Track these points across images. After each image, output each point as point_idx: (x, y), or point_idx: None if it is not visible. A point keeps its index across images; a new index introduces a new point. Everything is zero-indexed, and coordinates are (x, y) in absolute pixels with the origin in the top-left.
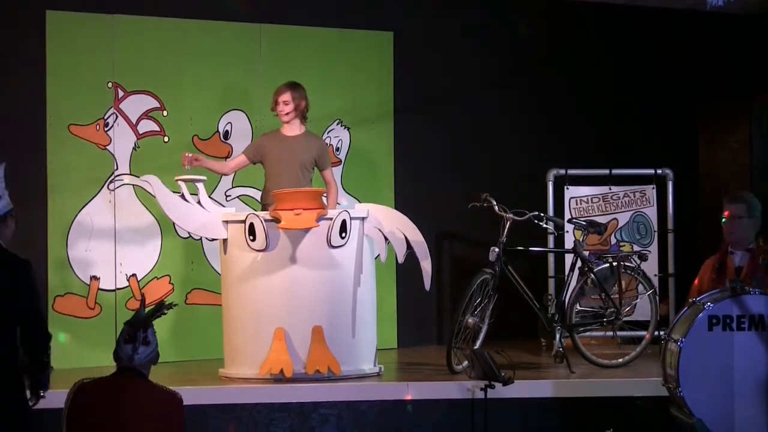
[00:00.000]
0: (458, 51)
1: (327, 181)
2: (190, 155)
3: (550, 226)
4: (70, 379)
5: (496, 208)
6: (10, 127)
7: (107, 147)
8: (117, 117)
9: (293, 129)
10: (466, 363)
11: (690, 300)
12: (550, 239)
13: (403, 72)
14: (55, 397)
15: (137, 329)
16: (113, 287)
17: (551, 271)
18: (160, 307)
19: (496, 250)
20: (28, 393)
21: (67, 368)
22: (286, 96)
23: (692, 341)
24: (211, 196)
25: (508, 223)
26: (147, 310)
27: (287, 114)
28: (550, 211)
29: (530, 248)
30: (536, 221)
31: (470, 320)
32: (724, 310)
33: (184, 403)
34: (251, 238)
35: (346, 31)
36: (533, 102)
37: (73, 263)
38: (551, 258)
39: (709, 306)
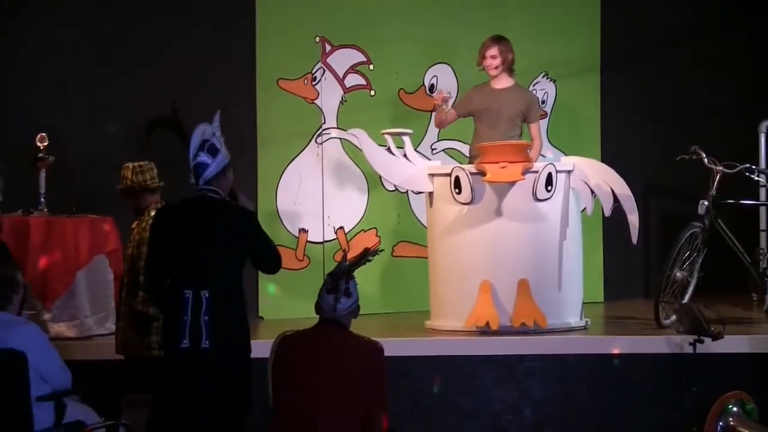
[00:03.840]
0: (667, 1)
1: (532, 135)
2: (445, 95)
3: (762, 179)
4: (279, 328)
5: (706, 160)
6: (223, 81)
7: (315, 101)
8: (324, 71)
9: (502, 82)
10: (674, 317)
11: None
12: (762, 192)
13: (610, 23)
14: (260, 348)
15: (339, 279)
16: (321, 240)
17: (763, 225)
18: (366, 254)
19: (706, 203)
20: None
21: (276, 319)
22: (493, 50)
23: None
24: (417, 149)
25: (718, 175)
26: (350, 260)
27: (495, 68)
28: (762, 164)
29: (741, 201)
30: (747, 174)
31: (679, 274)
32: None
33: (391, 354)
34: (457, 191)
35: None
36: (745, 52)
37: (282, 216)
38: (763, 211)
39: None
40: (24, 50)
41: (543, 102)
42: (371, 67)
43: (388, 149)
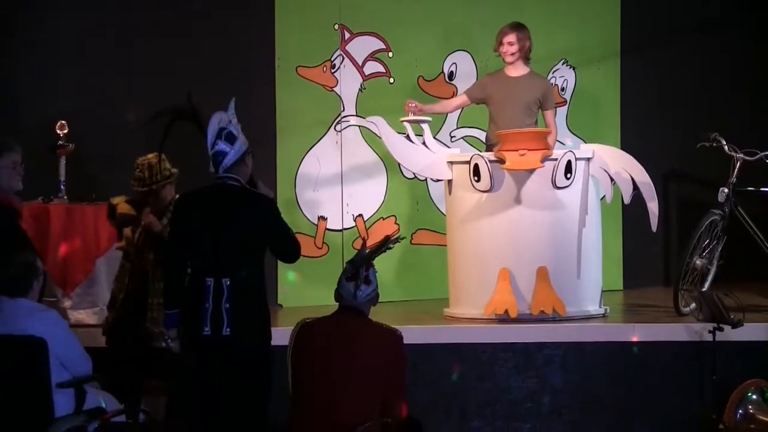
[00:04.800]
0: None
1: (547, 122)
2: (414, 105)
3: None
4: (299, 316)
5: (726, 147)
6: (241, 68)
7: (334, 89)
8: (343, 59)
9: (517, 69)
10: (693, 305)
11: None
12: None
13: (630, 8)
14: (280, 335)
15: (359, 267)
16: (340, 227)
17: None
18: (387, 241)
19: (726, 190)
20: None
21: (295, 306)
22: (511, 37)
23: None
24: (436, 136)
25: (739, 162)
26: (370, 247)
27: (511, 55)
28: None
29: (762, 188)
30: None
31: (698, 262)
32: None
33: (410, 342)
34: (476, 178)
35: None
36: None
37: (301, 203)
38: None
39: None
40: (43, 38)
41: (562, 89)
42: (390, 54)
43: (407, 137)
